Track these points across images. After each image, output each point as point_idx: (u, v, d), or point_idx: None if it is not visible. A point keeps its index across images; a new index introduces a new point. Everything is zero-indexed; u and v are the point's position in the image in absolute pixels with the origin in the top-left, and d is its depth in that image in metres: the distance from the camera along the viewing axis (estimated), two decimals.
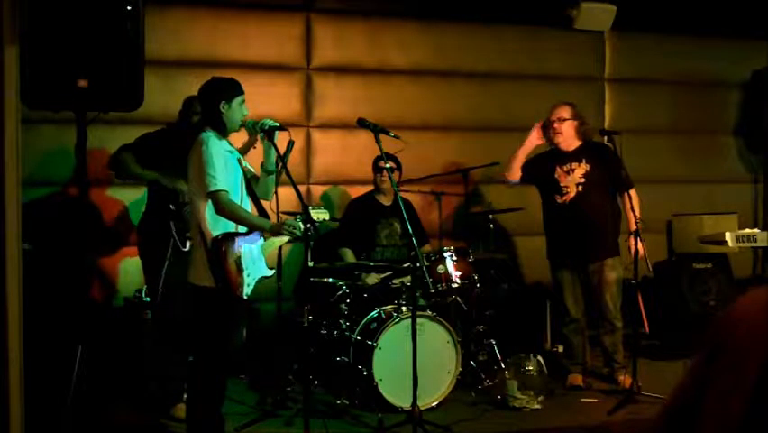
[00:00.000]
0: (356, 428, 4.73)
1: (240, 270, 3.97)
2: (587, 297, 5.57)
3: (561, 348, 5.91)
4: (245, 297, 4.04)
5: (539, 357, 5.24)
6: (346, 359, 5.09)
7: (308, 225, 4.14)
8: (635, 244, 5.17)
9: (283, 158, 4.21)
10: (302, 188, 5.05)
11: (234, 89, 4.13)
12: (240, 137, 4.34)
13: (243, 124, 4.24)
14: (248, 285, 4.02)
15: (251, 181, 4.21)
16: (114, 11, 3.62)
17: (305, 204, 4.26)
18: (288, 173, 4.16)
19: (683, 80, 7.35)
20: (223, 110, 4.07)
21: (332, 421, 4.62)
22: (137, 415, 4.70)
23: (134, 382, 5.04)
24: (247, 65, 6.18)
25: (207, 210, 3.96)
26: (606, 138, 5.51)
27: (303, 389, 4.29)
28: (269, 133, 4.16)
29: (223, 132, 4.11)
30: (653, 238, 5.80)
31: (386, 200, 5.88)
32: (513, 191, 6.31)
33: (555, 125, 5.55)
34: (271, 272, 4.25)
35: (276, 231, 4.04)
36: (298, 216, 4.67)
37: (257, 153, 5.01)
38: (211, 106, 4.10)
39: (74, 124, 3.75)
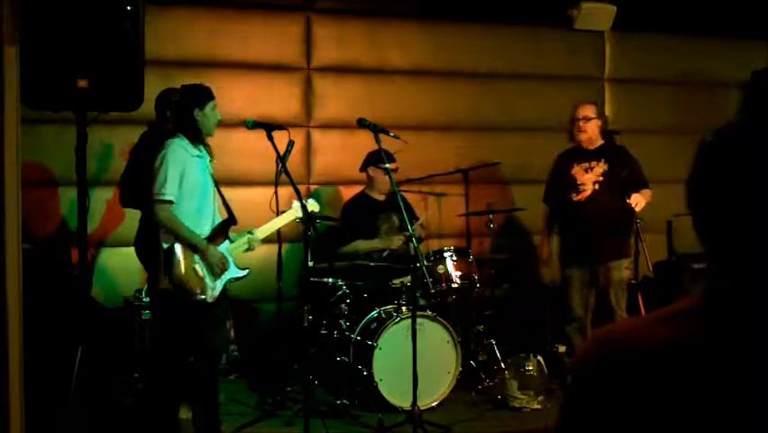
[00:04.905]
0: (356, 428, 4.73)
1: (199, 275, 4.00)
2: (596, 296, 5.56)
3: (561, 348, 5.90)
4: (210, 300, 4.06)
5: (539, 357, 5.23)
6: (346, 359, 5.09)
7: (309, 226, 4.16)
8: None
9: (283, 158, 4.23)
10: (302, 189, 5.05)
11: (206, 95, 4.17)
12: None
13: (244, 124, 4.28)
14: (212, 289, 4.05)
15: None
16: (114, 11, 3.62)
17: (304, 204, 4.27)
18: (287, 173, 4.17)
19: (683, 80, 7.34)
20: (197, 117, 4.11)
21: (332, 421, 4.62)
22: (135, 415, 4.70)
23: (132, 382, 5.05)
24: (247, 65, 6.18)
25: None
26: (602, 136, 5.52)
27: (303, 389, 4.29)
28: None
29: (196, 138, 4.13)
30: (653, 238, 5.79)
31: (380, 196, 5.84)
32: (513, 191, 6.32)
33: (581, 124, 5.52)
34: (243, 273, 4.27)
35: (203, 256, 4.04)
36: (298, 218, 4.68)
37: (259, 154, 5.01)
38: (184, 114, 4.12)
39: (74, 124, 3.75)
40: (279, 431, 4.66)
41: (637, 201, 5.20)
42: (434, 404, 4.96)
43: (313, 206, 4.74)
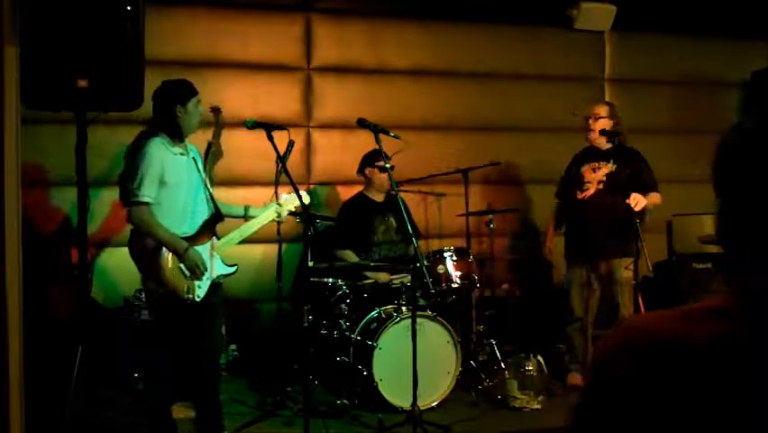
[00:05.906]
0: (356, 428, 4.73)
1: (185, 274, 3.99)
2: (598, 296, 5.55)
3: (562, 348, 5.89)
4: (198, 299, 4.04)
5: (539, 357, 5.23)
6: (346, 359, 5.09)
7: (309, 226, 4.16)
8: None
9: (283, 158, 4.22)
10: (302, 188, 5.05)
11: (188, 91, 4.09)
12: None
13: (244, 124, 4.27)
14: (199, 287, 4.04)
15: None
16: (114, 11, 3.62)
17: (305, 205, 4.27)
18: (287, 173, 4.16)
19: (683, 80, 7.34)
20: (179, 114, 4.04)
21: (332, 421, 4.62)
22: (134, 415, 4.70)
23: (132, 382, 5.05)
24: (247, 65, 6.18)
25: None
26: (606, 138, 5.52)
27: (303, 389, 4.29)
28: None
29: (178, 136, 4.08)
30: (653, 238, 5.79)
31: (378, 197, 5.84)
32: (513, 191, 6.30)
33: (590, 122, 5.58)
34: (231, 270, 4.26)
35: (181, 258, 4.02)
36: (298, 217, 4.68)
37: (259, 154, 5.01)
38: (166, 112, 4.05)
39: (74, 124, 3.75)
40: (279, 431, 4.66)
41: (637, 200, 5.20)
42: (434, 404, 4.97)
43: (306, 198, 4.68)
